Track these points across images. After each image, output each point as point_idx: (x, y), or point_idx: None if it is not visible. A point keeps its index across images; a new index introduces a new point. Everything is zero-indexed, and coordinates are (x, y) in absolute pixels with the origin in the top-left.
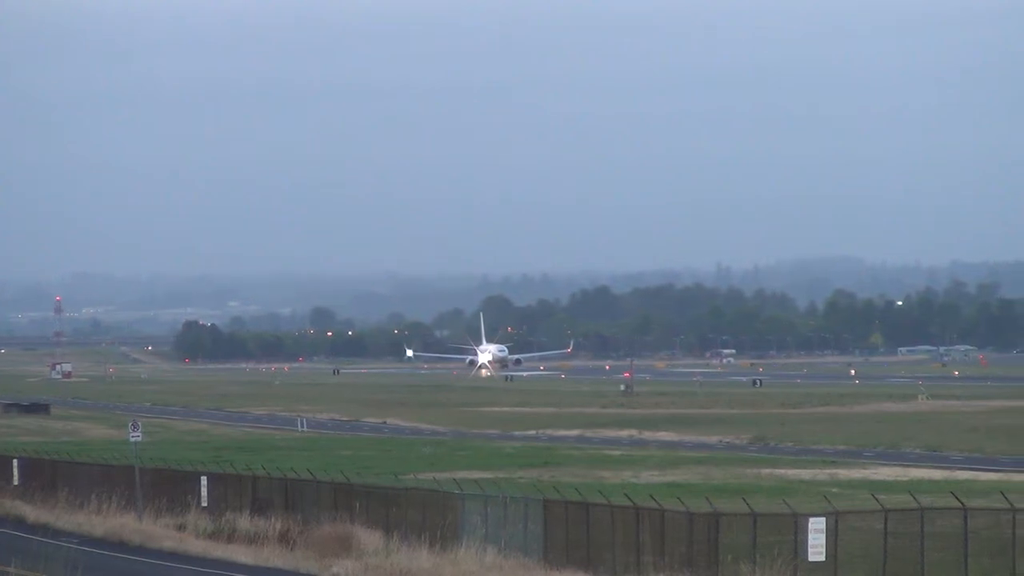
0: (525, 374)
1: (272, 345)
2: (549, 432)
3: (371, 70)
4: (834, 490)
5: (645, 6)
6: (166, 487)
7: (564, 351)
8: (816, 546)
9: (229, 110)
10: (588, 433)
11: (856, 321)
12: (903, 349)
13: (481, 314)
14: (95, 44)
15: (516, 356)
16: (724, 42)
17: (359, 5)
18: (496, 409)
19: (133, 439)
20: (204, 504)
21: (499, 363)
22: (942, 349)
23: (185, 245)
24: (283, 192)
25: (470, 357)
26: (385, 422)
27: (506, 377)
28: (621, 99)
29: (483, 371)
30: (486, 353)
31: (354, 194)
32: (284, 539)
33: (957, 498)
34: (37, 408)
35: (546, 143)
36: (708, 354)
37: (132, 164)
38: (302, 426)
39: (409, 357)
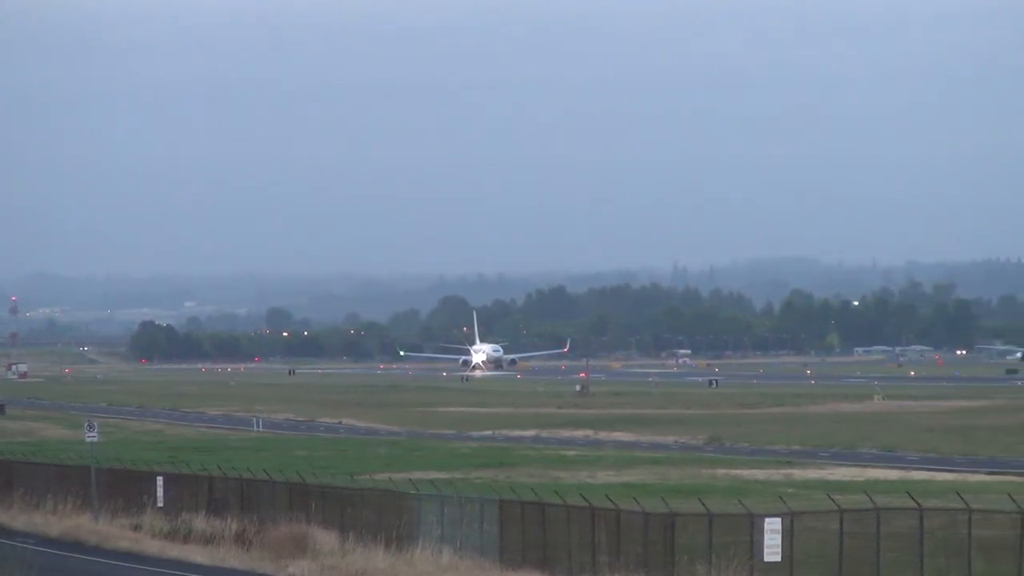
0: (479, 374)
1: (228, 345)
2: (505, 432)
3: (334, 69)
4: (790, 490)
5: (613, 6)
6: (122, 487)
7: (561, 350)
8: (772, 546)
9: (191, 110)
10: (544, 433)
11: (812, 321)
12: (859, 349)
13: (474, 312)
14: (66, 41)
15: (511, 356)
16: (685, 45)
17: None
18: (452, 409)
19: (89, 439)
20: (160, 504)
21: (493, 363)
22: (898, 349)
23: (142, 246)
24: (239, 192)
25: (464, 357)
26: (341, 422)
27: (462, 378)
28: (578, 100)
29: (477, 372)
30: (480, 353)
31: (310, 195)
32: (240, 539)
33: (913, 498)
34: None
35: (503, 144)
36: (664, 354)
37: (90, 164)
38: (258, 426)
39: (401, 357)
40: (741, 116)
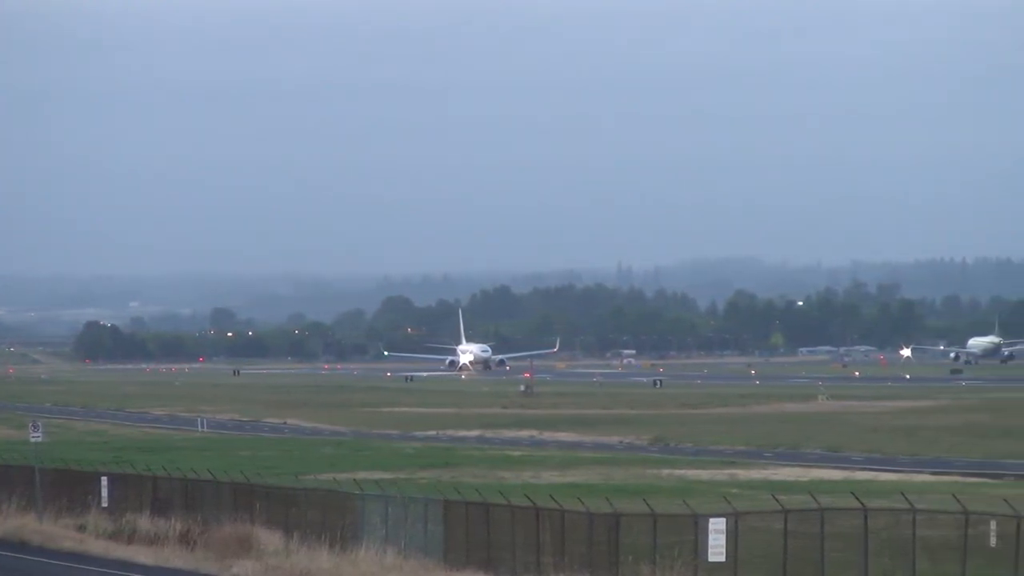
0: (425, 374)
1: (172, 345)
2: (449, 432)
3: (279, 67)
4: (734, 491)
5: (559, 5)
6: (66, 488)
7: (551, 350)
8: (716, 547)
9: (133, 108)
10: (488, 434)
11: (756, 321)
12: (803, 349)
13: (460, 311)
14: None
15: (500, 356)
16: (627, 44)
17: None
18: (397, 410)
19: (33, 439)
20: (104, 505)
21: (482, 364)
22: (842, 349)
23: (87, 245)
24: (182, 193)
25: (450, 358)
26: (285, 422)
27: (406, 378)
28: (521, 101)
29: (464, 372)
30: (467, 354)
31: (254, 194)
32: (184, 539)
33: (857, 498)
34: None
35: (447, 143)
36: (609, 354)
37: (32, 162)
38: (202, 426)
39: (384, 356)
40: (688, 116)
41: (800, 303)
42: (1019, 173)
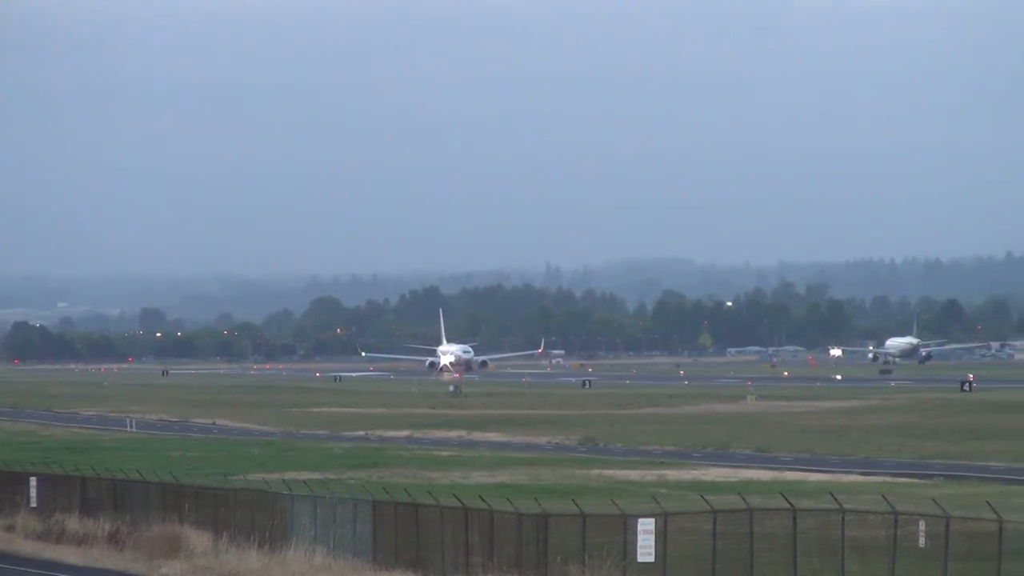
0: (355, 374)
1: (101, 346)
2: (378, 433)
3: (197, 67)
4: (663, 491)
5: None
6: None
7: (535, 351)
8: (645, 547)
9: (59, 109)
10: (417, 434)
11: (685, 322)
12: (732, 350)
13: (440, 311)
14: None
15: (482, 358)
16: (561, 45)
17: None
18: (326, 410)
19: None
20: (33, 505)
21: (463, 365)
22: (771, 350)
23: (14, 246)
24: (110, 192)
25: (430, 359)
26: (214, 423)
27: (335, 378)
28: (451, 99)
29: (445, 374)
30: (448, 355)
31: (182, 193)
32: (113, 540)
33: (786, 499)
34: None
35: (375, 143)
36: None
37: None
38: (131, 427)
39: (362, 356)
40: (611, 117)
41: (729, 303)
42: (947, 173)
